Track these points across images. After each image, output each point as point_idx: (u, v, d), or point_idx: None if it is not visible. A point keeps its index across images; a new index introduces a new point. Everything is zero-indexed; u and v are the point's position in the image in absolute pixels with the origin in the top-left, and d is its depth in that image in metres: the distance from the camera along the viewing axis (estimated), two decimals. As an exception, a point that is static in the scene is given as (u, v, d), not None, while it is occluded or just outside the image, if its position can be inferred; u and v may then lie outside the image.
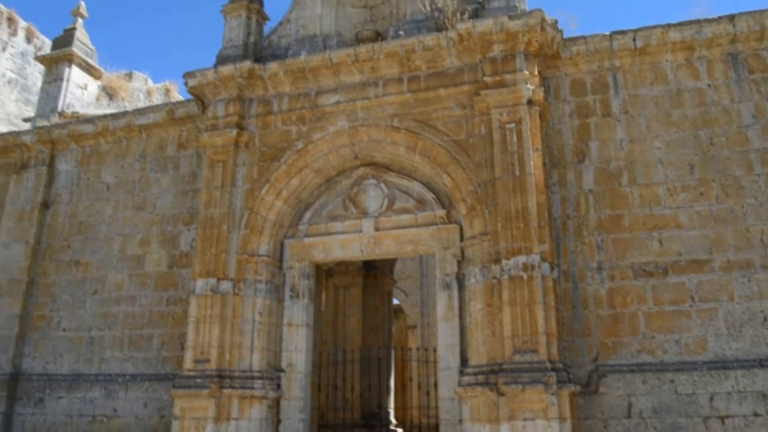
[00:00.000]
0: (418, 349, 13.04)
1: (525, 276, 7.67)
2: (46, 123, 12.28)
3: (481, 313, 8.01)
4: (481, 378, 7.66)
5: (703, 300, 7.74)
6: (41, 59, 14.00)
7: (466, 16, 9.03)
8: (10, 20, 17.11)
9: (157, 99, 17.77)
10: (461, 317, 8.45)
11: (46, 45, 17.36)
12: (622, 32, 8.80)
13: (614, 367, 7.79)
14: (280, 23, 10.63)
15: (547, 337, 7.44)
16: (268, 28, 10.82)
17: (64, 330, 10.62)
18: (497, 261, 7.91)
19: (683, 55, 8.71)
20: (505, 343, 7.55)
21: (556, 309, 7.77)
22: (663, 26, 8.63)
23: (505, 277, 7.75)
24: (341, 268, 12.63)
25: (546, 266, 7.75)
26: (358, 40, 9.87)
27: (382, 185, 9.52)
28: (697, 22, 8.56)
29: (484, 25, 8.59)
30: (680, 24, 8.60)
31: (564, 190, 8.59)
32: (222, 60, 10.16)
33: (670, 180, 8.26)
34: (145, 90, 17.91)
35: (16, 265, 11.13)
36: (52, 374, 10.45)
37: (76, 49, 13.42)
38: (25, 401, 10.45)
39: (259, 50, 10.43)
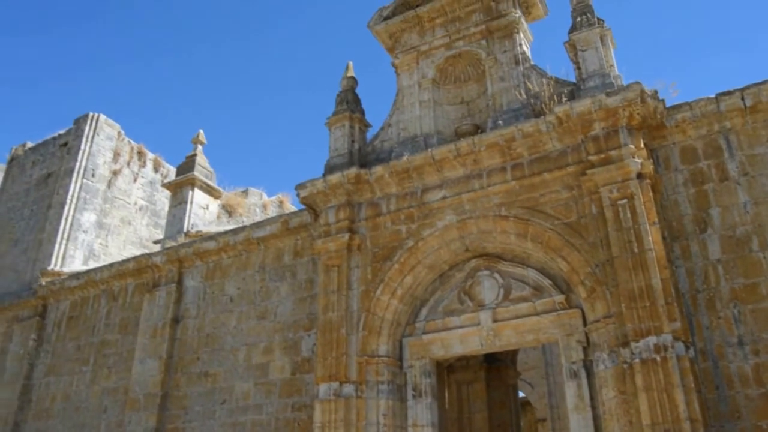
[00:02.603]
0: (551, 445, 12.35)
1: (658, 358, 7.18)
2: (173, 243, 13.14)
3: (614, 402, 7.52)
4: (623, 473, 7.11)
5: None
6: (167, 186, 15.19)
7: (563, 98, 9.07)
8: (140, 153, 18.85)
9: (272, 211, 18.70)
10: (593, 407, 7.96)
11: (171, 172, 18.90)
12: (729, 93, 8.47)
13: (774, 454, 7.00)
14: (382, 128, 11.06)
15: (692, 423, 6.83)
16: (370, 134, 11.29)
17: (197, 442, 10.89)
18: (625, 344, 7.48)
19: (799, 107, 8.23)
20: (645, 432, 7.01)
21: (698, 391, 7.16)
22: (772, 80, 8.26)
23: (637, 360, 7.30)
24: (462, 363, 12.35)
25: (680, 345, 7.24)
26: (458, 135, 10.07)
27: (496, 275, 9.39)
28: (810, 71, 8.12)
29: (582, 105, 8.56)
30: (791, 76, 8.20)
31: (689, 262, 8.11)
32: (330, 169, 10.62)
33: (809, 239, 7.63)
34: (260, 204, 18.95)
35: (150, 380, 11.65)
36: (188, 488, 10.65)
37: (197, 173, 14.48)
38: None
39: (363, 156, 10.84)
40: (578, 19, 9.53)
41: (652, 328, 7.35)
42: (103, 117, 17.87)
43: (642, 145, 8.44)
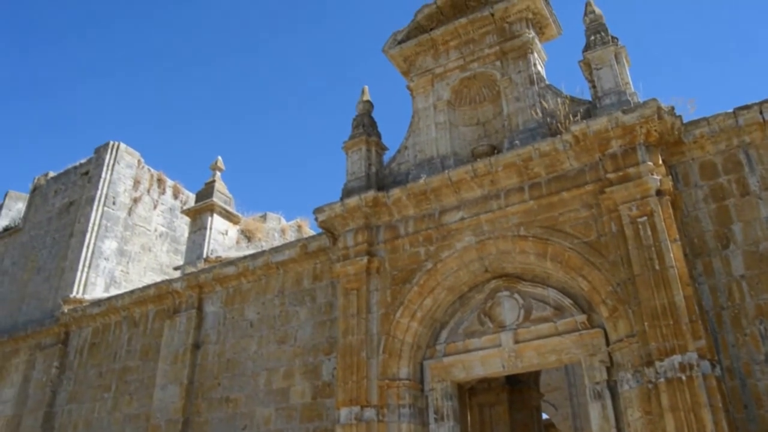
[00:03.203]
0: (576, 468, 12.13)
1: (684, 377, 7.05)
2: (193, 269, 13.20)
3: (640, 422, 7.38)
4: (651, 495, 6.96)
5: None
6: (186, 212, 15.31)
7: (578, 117, 9.05)
8: (160, 181, 19.07)
9: (291, 236, 18.77)
10: (619, 428, 7.81)
11: (190, 199, 19.08)
12: (747, 107, 8.40)
13: (808, 475, 6.82)
14: (398, 151, 11.09)
15: (720, 443, 6.70)
16: (387, 157, 11.33)
17: (219, 469, 10.83)
18: (650, 363, 7.36)
19: (820, 120, 8.13)
20: (673, 454, 6.86)
21: (726, 411, 7.00)
22: (792, 94, 8.17)
23: (662, 380, 7.17)
24: (484, 385, 12.22)
25: (706, 364, 7.11)
26: (474, 156, 10.08)
27: (516, 296, 9.32)
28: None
29: (599, 123, 8.54)
30: (811, 88, 8.13)
31: (712, 279, 7.99)
32: (347, 192, 10.65)
33: (834, 255, 7.49)
34: (279, 229, 19.03)
35: (171, 406, 11.62)
36: None
37: (216, 199, 14.59)
38: None
39: (380, 179, 10.87)
40: (592, 37, 9.55)
41: (676, 346, 7.23)
42: (123, 145, 18.13)
43: (660, 162, 8.38)
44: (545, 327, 8.89)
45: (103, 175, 17.34)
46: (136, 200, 18.02)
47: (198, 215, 14.66)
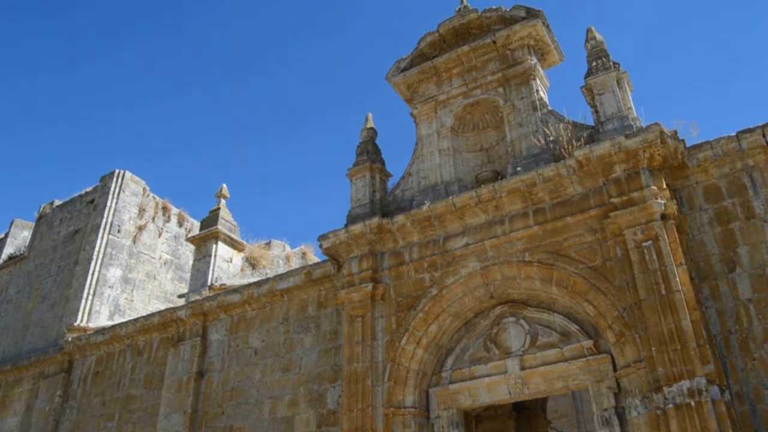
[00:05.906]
0: (585, 497, 11.93)
1: (692, 403, 6.97)
2: (198, 297, 13.17)
3: (649, 449, 7.29)
4: None
5: None
6: (191, 240, 15.32)
7: (581, 142, 9.08)
8: (165, 209, 19.13)
9: (295, 263, 18.76)
10: (628, 455, 7.73)
11: (195, 226, 19.13)
12: (750, 130, 8.42)
13: (821, 502, 6.70)
14: (403, 177, 11.13)
15: (732, 471, 6.60)
16: (391, 183, 11.36)
17: (223, 499, 10.69)
18: (658, 389, 7.29)
19: (824, 141, 8.13)
20: (684, 481, 6.76)
21: (736, 437, 6.93)
22: (794, 116, 8.21)
23: (670, 406, 7.09)
24: (490, 412, 12.08)
25: (715, 389, 7.03)
26: (478, 182, 10.10)
27: (522, 322, 9.26)
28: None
29: (602, 148, 8.56)
30: (814, 111, 8.15)
31: (719, 303, 7.93)
32: (352, 219, 10.66)
33: (841, 279, 7.44)
34: (283, 256, 19.03)
35: (176, 436, 11.54)
36: None
37: (221, 226, 14.60)
38: None
39: (385, 205, 10.89)
40: (594, 63, 9.63)
41: (684, 371, 7.16)
42: (128, 174, 18.24)
43: (664, 186, 8.38)
44: (552, 353, 8.82)
45: (109, 203, 17.43)
46: (141, 228, 18.07)
47: (203, 243, 14.67)
